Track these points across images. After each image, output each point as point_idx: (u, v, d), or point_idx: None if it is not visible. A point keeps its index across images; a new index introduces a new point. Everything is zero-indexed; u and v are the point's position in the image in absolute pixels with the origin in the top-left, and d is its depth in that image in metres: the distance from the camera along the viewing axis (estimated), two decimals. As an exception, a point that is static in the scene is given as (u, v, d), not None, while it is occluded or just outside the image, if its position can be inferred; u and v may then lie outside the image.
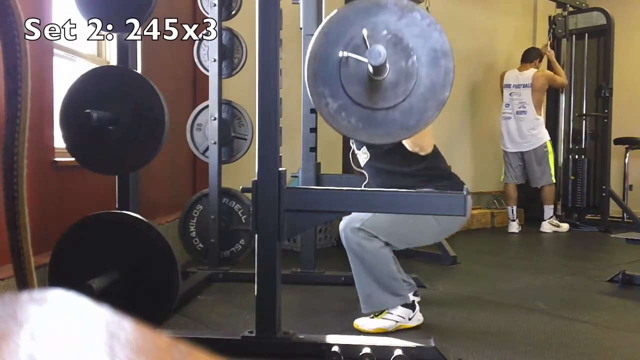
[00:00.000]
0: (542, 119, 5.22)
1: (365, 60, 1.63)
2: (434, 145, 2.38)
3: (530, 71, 5.22)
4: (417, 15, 1.68)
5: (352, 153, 2.67)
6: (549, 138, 5.19)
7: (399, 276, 2.27)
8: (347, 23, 1.70)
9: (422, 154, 2.28)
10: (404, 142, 2.24)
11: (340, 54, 1.69)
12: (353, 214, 2.24)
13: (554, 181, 5.19)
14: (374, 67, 1.62)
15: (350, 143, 2.63)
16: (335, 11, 1.73)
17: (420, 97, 1.69)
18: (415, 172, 2.31)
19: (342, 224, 2.26)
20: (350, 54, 1.67)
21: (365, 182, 2.51)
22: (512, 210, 5.31)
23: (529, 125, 5.19)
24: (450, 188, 2.21)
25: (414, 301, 2.30)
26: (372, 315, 2.28)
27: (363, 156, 2.48)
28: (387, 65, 1.66)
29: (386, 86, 1.69)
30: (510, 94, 5.30)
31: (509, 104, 5.30)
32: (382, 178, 2.39)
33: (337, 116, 1.71)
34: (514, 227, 5.29)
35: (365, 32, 1.65)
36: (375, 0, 1.70)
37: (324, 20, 1.74)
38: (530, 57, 5.35)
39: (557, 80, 5.33)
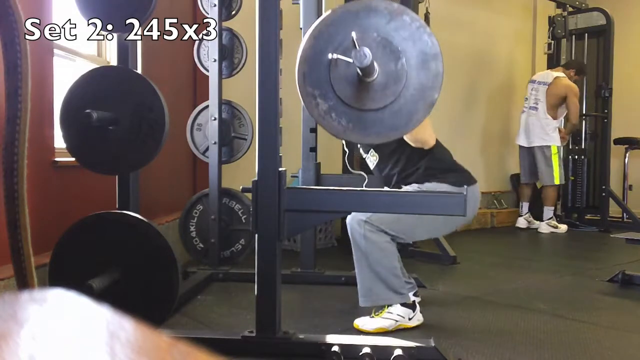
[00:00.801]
0: (553, 122, 5.18)
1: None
2: (436, 142, 2.38)
3: (558, 74, 5.21)
4: (406, 18, 1.69)
5: (348, 156, 2.68)
6: (558, 144, 5.18)
7: (401, 274, 2.27)
8: (338, 26, 1.71)
9: (426, 147, 2.30)
10: (406, 139, 2.26)
11: (330, 55, 1.70)
12: None
13: (557, 183, 5.18)
14: (361, 68, 1.64)
15: (358, 147, 2.64)
16: (326, 14, 1.74)
17: (410, 99, 1.71)
18: (423, 168, 2.33)
19: (349, 218, 2.26)
20: (339, 56, 1.68)
21: (365, 182, 2.51)
22: (522, 205, 5.42)
23: (537, 123, 5.20)
24: (458, 181, 2.22)
25: (414, 301, 2.30)
26: (372, 315, 2.28)
27: (372, 159, 2.49)
28: (376, 67, 1.68)
29: (376, 88, 1.71)
30: (531, 89, 5.33)
31: (527, 98, 5.35)
32: (392, 177, 2.41)
33: (327, 117, 1.73)
34: (521, 222, 5.35)
35: (354, 34, 1.66)
36: (365, 4, 1.72)
37: (315, 23, 1.75)
38: (568, 64, 5.35)
39: (572, 107, 5.16)
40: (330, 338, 1.93)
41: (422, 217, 2.23)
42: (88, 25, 2.14)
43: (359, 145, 2.65)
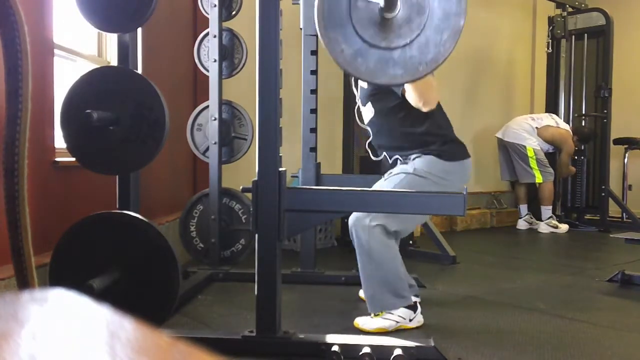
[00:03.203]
0: (537, 137, 5.21)
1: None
2: (440, 109, 2.34)
3: (550, 122, 5.25)
4: None
5: (357, 109, 2.62)
6: (534, 147, 5.17)
7: (404, 277, 2.27)
8: None
9: (426, 109, 2.23)
10: (409, 94, 2.20)
11: None
12: None
13: (540, 182, 5.20)
14: (385, 1, 1.59)
15: (356, 100, 2.59)
16: None
17: (435, 29, 1.65)
18: (418, 133, 2.30)
19: (351, 221, 2.25)
20: None
21: (369, 139, 2.49)
22: (519, 208, 5.45)
23: (522, 125, 5.23)
24: (450, 152, 2.22)
25: (416, 302, 2.31)
26: (372, 315, 2.28)
27: (368, 112, 2.45)
28: (398, 0, 1.63)
29: (399, 23, 1.65)
30: (544, 113, 5.48)
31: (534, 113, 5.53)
32: (385, 136, 2.38)
33: (353, 62, 1.67)
34: (521, 224, 5.39)
35: None
36: None
37: None
38: (577, 129, 5.40)
39: (564, 156, 5.24)
40: (330, 338, 1.93)
41: None
42: (88, 25, 2.15)
43: (357, 97, 2.57)
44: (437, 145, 2.29)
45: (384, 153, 2.48)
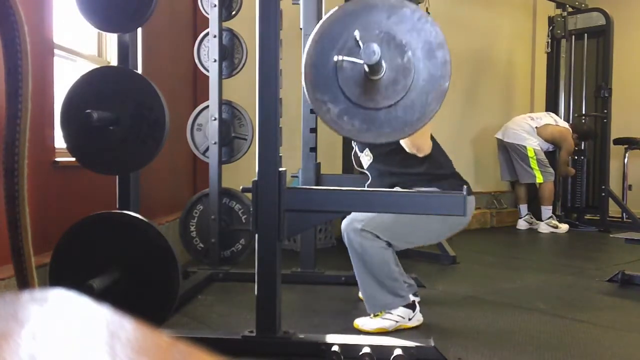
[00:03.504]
0: (537, 136, 5.22)
1: (361, 61, 1.63)
2: (437, 146, 2.37)
3: (549, 121, 5.25)
4: (406, 11, 1.68)
5: (354, 154, 2.66)
6: (534, 147, 5.18)
7: (400, 277, 2.27)
8: (338, 27, 1.70)
9: (420, 155, 2.27)
10: (403, 142, 2.24)
11: (335, 58, 1.69)
12: (354, 213, 2.24)
13: (540, 182, 5.20)
14: (369, 66, 1.62)
15: (353, 144, 2.63)
16: (325, 16, 1.74)
17: (421, 91, 1.69)
18: (417, 173, 2.32)
19: (344, 224, 2.26)
20: (345, 57, 1.67)
21: (368, 182, 2.51)
22: (519, 208, 5.46)
23: (522, 125, 5.23)
24: (449, 189, 2.21)
25: (414, 301, 2.30)
26: (372, 315, 2.28)
27: (366, 158, 2.48)
28: (383, 64, 1.66)
29: (385, 84, 1.69)
30: (543, 112, 5.48)
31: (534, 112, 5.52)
32: (385, 179, 2.40)
33: (339, 121, 1.71)
34: (521, 224, 5.40)
35: (357, 33, 1.66)
36: (364, 2, 1.71)
37: (315, 27, 1.75)
38: (576, 127, 5.39)
39: (564, 153, 5.24)
40: (330, 338, 1.94)
41: (415, 225, 2.23)
42: (88, 25, 2.15)
43: (353, 143, 2.62)
44: (436, 183, 2.29)
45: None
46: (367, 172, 2.53)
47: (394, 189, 2.34)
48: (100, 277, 1.92)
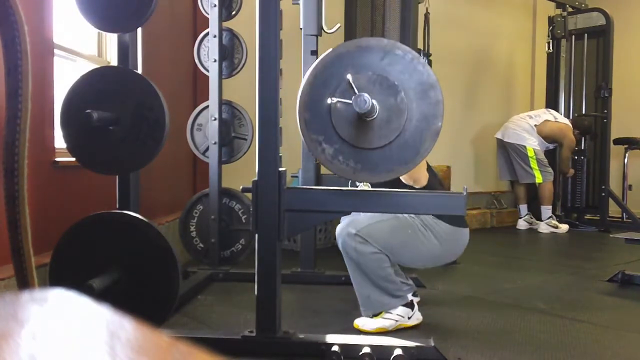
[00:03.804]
0: (537, 136, 5.20)
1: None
2: (433, 175, 2.36)
3: (549, 117, 5.25)
4: (399, 52, 1.71)
5: (351, 184, 2.68)
6: (534, 147, 5.18)
7: (396, 278, 2.27)
8: (333, 68, 1.73)
9: (417, 186, 2.25)
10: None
11: (329, 100, 1.71)
12: (349, 219, 2.24)
13: (540, 182, 5.20)
14: (362, 113, 1.66)
15: None
16: (320, 57, 1.76)
17: (415, 131, 1.72)
18: None
19: (338, 229, 2.26)
20: (339, 100, 1.70)
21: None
22: (519, 208, 5.46)
23: (521, 124, 5.24)
24: (450, 218, 2.23)
25: (412, 300, 2.31)
26: (371, 315, 2.28)
27: (364, 187, 2.47)
28: (376, 106, 1.69)
29: (379, 124, 1.72)
30: (541, 109, 5.48)
31: (532, 111, 5.52)
32: None
33: (334, 161, 1.74)
34: (521, 224, 5.41)
35: (350, 77, 1.68)
36: (357, 44, 1.75)
37: (310, 69, 1.76)
38: (576, 122, 5.39)
39: (565, 150, 5.24)
40: (330, 338, 1.94)
41: (408, 242, 2.23)
42: (88, 25, 2.15)
43: None
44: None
45: None
46: None
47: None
48: (100, 277, 1.92)
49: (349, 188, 2.02)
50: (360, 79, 1.70)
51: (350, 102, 1.66)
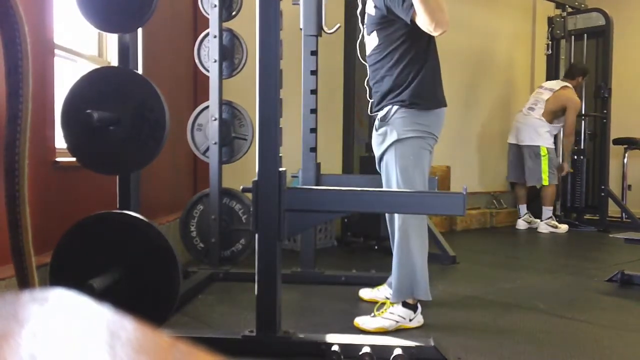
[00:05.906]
0: (547, 125, 5.19)
1: None
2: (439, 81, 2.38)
3: (566, 83, 5.24)
4: None
5: (359, 43, 2.63)
6: (547, 146, 5.18)
7: (427, 276, 2.35)
8: None
9: (437, 33, 2.13)
10: (419, 17, 2.10)
11: None
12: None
13: (546, 184, 5.20)
14: None
15: (361, 26, 2.58)
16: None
17: None
18: (406, 78, 2.31)
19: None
20: None
21: (367, 78, 2.50)
22: (519, 208, 5.46)
23: (529, 122, 5.22)
24: (425, 102, 2.29)
25: (416, 303, 2.31)
26: (372, 314, 2.29)
27: (371, 42, 2.43)
28: None
29: None
30: (537, 92, 5.38)
31: (529, 100, 5.40)
32: (380, 73, 2.38)
33: None
34: (520, 224, 5.41)
35: None
36: None
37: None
38: (572, 73, 5.37)
39: (568, 121, 5.20)
40: (330, 337, 1.94)
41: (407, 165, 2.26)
42: (89, 25, 2.15)
43: (364, 26, 2.53)
44: (427, 101, 2.32)
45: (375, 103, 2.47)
46: (365, 62, 2.51)
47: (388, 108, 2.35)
48: (101, 277, 1.92)
49: (349, 188, 2.01)
50: None
51: None
